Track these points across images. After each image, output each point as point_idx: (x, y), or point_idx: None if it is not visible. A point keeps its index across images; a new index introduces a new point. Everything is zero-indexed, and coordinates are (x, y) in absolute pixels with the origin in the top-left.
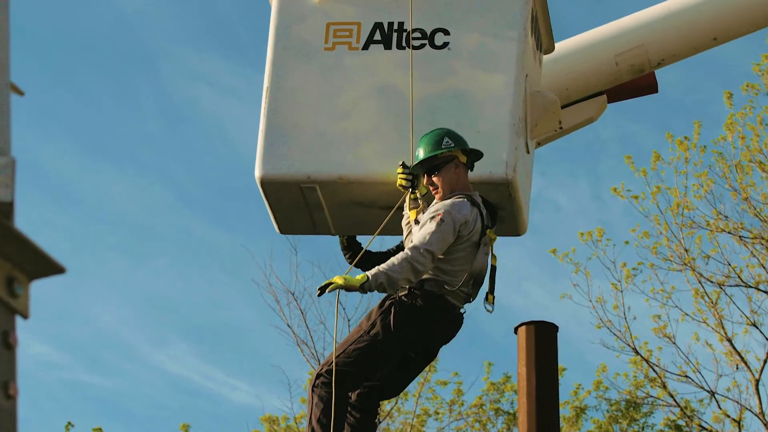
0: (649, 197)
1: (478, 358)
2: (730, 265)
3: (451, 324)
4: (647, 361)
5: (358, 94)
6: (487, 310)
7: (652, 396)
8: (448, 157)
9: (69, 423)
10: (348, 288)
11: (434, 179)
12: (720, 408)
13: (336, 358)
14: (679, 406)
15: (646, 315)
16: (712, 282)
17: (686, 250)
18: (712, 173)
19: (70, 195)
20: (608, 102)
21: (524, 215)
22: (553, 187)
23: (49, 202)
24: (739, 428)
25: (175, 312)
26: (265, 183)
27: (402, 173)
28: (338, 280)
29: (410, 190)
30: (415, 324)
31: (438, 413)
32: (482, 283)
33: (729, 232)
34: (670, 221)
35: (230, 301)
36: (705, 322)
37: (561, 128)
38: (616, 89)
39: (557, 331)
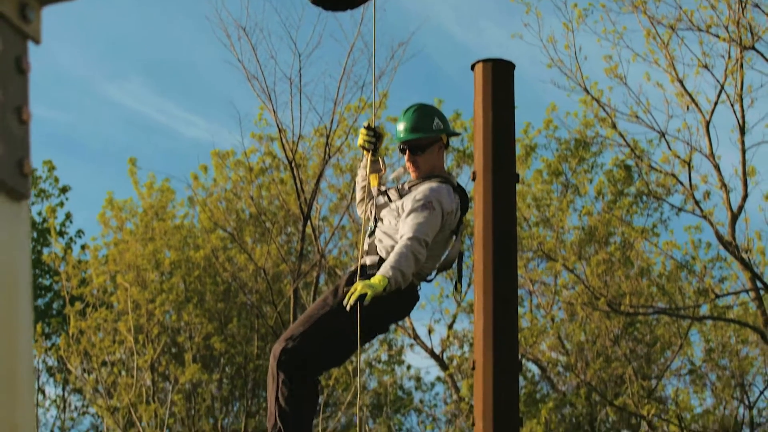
0: None
1: (431, 95)
2: (681, 8)
3: (411, 302)
4: (597, 101)
5: None
6: (456, 300)
7: (601, 135)
8: (435, 138)
9: None
10: (376, 295)
11: (417, 158)
12: (670, 149)
13: (301, 335)
14: (628, 145)
15: (598, 56)
16: (663, 24)
17: None
18: None
19: None
20: None
21: None
22: None
23: None
24: (689, 169)
25: (130, 47)
26: None
27: (366, 135)
28: (366, 289)
29: (371, 152)
30: (382, 303)
31: (388, 148)
32: (449, 267)
33: None
34: None
35: (183, 37)
36: (656, 63)
37: None
38: None
39: (514, 68)
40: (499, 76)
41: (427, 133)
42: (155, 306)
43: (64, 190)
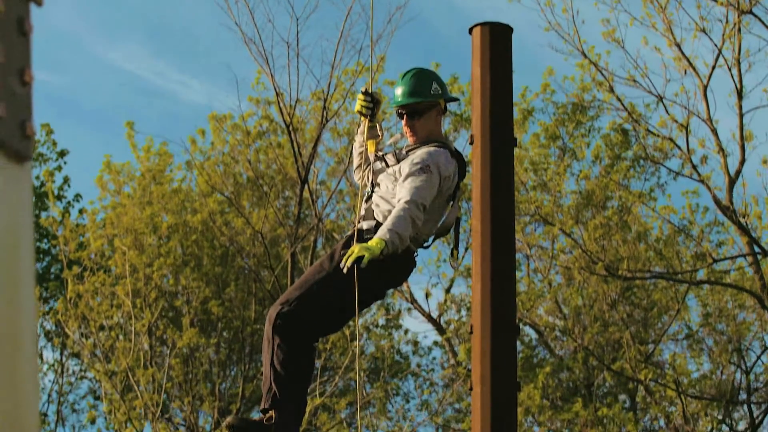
0: None
1: (428, 59)
2: None
3: (408, 268)
4: (595, 65)
5: None
6: (453, 267)
7: (599, 99)
8: (433, 103)
9: None
10: (373, 257)
11: (415, 123)
12: (667, 113)
13: (297, 300)
14: (626, 109)
15: (595, 20)
16: None
17: None
18: None
19: None
20: None
21: None
22: None
23: None
24: (686, 133)
25: (128, 9)
26: None
27: (363, 100)
28: (364, 252)
29: (369, 117)
30: (379, 269)
31: (386, 112)
32: (446, 233)
33: None
34: None
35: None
36: (654, 27)
37: None
38: None
39: (512, 32)
40: (497, 40)
41: (425, 98)
42: (153, 270)
43: (62, 153)
